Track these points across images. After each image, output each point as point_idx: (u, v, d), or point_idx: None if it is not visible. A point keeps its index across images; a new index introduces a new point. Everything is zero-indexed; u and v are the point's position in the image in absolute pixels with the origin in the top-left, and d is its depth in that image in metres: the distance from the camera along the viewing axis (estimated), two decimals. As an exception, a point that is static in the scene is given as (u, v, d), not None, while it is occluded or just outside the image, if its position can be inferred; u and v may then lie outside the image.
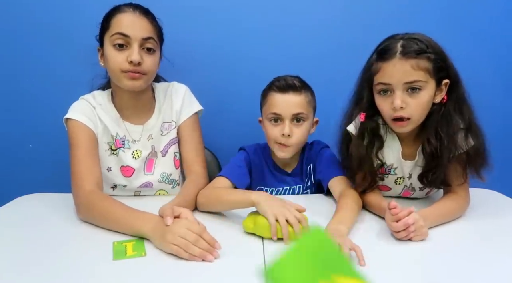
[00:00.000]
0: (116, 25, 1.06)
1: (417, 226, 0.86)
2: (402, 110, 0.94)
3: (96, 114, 1.13)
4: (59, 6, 1.44)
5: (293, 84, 1.14)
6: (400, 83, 0.93)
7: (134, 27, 1.05)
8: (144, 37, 1.06)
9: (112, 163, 1.15)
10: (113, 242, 0.87)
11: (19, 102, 1.52)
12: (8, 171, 1.58)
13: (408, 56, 0.92)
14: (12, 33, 1.46)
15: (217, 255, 0.81)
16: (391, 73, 0.93)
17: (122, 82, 1.07)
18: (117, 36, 1.05)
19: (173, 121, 1.21)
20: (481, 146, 0.99)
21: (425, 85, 0.93)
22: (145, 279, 0.74)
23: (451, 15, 1.48)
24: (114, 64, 1.06)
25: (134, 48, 1.04)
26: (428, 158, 1.01)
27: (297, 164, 1.25)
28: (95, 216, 0.96)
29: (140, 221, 0.90)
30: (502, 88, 1.57)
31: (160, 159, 1.20)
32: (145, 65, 1.07)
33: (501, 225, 0.98)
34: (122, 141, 1.16)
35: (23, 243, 0.88)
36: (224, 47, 1.49)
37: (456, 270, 0.77)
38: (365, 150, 1.04)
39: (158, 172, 1.19)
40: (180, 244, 0.80)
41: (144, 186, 1.19)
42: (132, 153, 1.17)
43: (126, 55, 1.05)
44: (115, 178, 1.16)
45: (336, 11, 1.48)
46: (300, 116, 1.14)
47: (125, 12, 1.07)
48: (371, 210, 1.06)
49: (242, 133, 1.51)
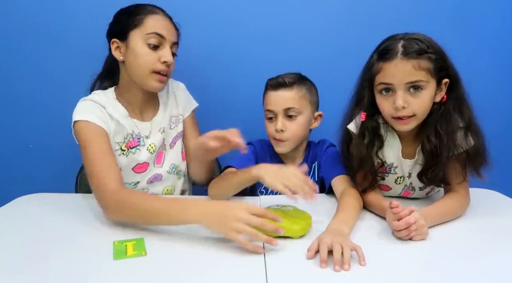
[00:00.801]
0: (152, 25, 1.08)
1: (418, 226, 0.86)
2: (404, 109, 0.95)
3: (106, 113, 1.09)
4: (56, 7, 1.44)
5: (283, 81, 1.17)
6: (402, 83, 0.94)
7: (168, 30, 1.11)
8: (174, 41, 1.13)
9: (124, 164, 1.14)
10: (114, 241, 0.87)
11: (19, 102, 1.52)
12: (8, 171, 1.58)
13: (410, 56, 0.92)
14: (11, 33, 1.46)
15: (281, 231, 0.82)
16: (393, 73, 0.94)
17: (149, 82, 1.10)
18: (153, 35, 1.08)
19: (180, 115, 1.26)
20: (480, 145, 0.99)
21: (426, 84, 0.94)
22: (146, 278, 0.74)
23: (452, 15, 1.49)
24: (146, 63, 1.08)
25: (167, 49, 1.10)
26: (428, 156, 1.01)
27: (302, 161, 1.27)
28: (129, 214, 0.93)
29: (186, 208, 0.86)
30: (503, 88, 1.57)
31: (169, 151, 1.23)
32: (171, 67, 1.13)
33: (501, 225, 0.98)
34: (138, 138, 1.16)
35: (23, 243, 0.87)
36: (225, 47, 1.49)
37: (456, 270, 0.77)
38: (366, 149, 1.04)
39: (167, 163, 1.22)
40: (246, 231, 0.79)
41: (154, 179, 1.20)
42: (147, 148, 1.18)
43: (159, 55, 1.09)
44: (126, 177, 1.13)
45: (338, 10, 1.48)
46: (292, 111, 1.17)
47: (158, 14, 1.11)
48: (371, 210, 1.06)
49: (243, 132, 1.51)
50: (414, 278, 0.75)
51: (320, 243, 0.80)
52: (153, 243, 0.87)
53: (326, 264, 0.76)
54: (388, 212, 0.91)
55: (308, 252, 0.81)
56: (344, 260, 0.76)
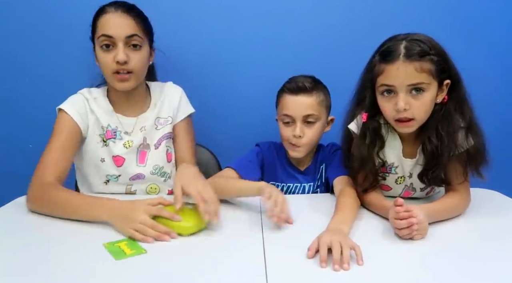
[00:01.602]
0: (100, 27, 1.09)
1: (421, 227, 0.87)
2: (406, 111, 0.95)
3: (87, 106, 1.16)
4: (56, 7, 1.44)
5: (303, 86, 1.16)
6: (404, 85, 0.94)
7: (116, 27, 1.08)
8: (127, 35, 1.09)
9: (105, 154, 1.18)
10: (103, 244, 0.85)
11: (19, 102, 1.52)
12: (8, 171, 1.58)
13: (412, 58, 0.92)
14: (12, 33, 1.46)
15: (175, 236, 0.88)
16: (395, 75, 0.94)
17: (113, 83, 1.12)
18: (102, 38, 1.09)
19: (170, 117, 1.24)
20: (481, 145, 0.99)
21: (428, 86, 0.94)
22: (150, 276, 0.74)
23: (452, 15, 1.49)
24: (104, 66, 1.10)
25: (119, 47, 1.08)
26: (429, 156, 1.01)
27: (310, 163, 1.28)
28: (48, 205, 0.99)
29: (99, 207, 0.94)
30: (503, 88, 1.57)
31: (153, 152, 1.22)
32: (131, 63, 1.10)
33: (501, 225, 0.98)
34: (114, 132, 1.18)
35: (23, 243, 0.87)
36: (225, 48, 1.49)
37: (456, 270, 0.77)
38: (367, 150, 1.04)
39: (151, 164, 1.21)
40: (139, 228, 0.87)
41: (136, 178, 1.20)
42: (124, 143, 1.19)
43: (113, 55, 1.08)
44: (108, 169, 1.18)
45: (338, 10, 1.48)
46: (311, 118, 1.17)
47: (107, 13, 1.10)
48: (371, 210, 1.06)
49: (242, 133, 1.51)
50: (414, 277, 0.75)
51: (320, 242, 0.80)
52: (154, 243, 0.87)
53: (326, 263, 0.76)
54: (391, 210, 0.91)
55: (308, 251, 0.81)
56: (343, 259, 0.76)
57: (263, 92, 1.23)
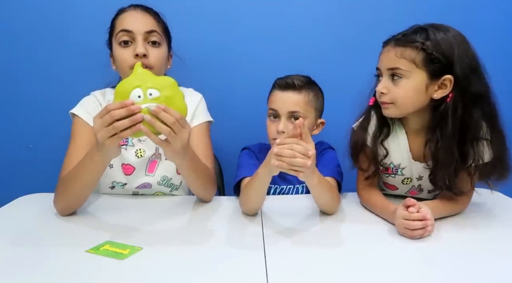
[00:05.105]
0: (119, 24, 1.08)
1: (430, 230, 0.87)
2: (384, 95, 0.97)
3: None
4: (58, 6, 1.44)
5: (293, 83, 1.15)
6: (385, 69, 0.96)
7: (136, 22, 1.07)
8: (147, 31, 1.08)
9: (115, 160, 1.13)
10: (86, 251, 0.82)
11: (19, 102, 1.52)
12: (8, 171, 1.58)
13: (398, 44, 0.94)
14: (12, 33, 1.47)
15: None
16: (381, 59, 0.98)
17: None
18: (121, 33, 1.07)
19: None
20: (497, 162, 0.96)
21: (407, 74, 0.93)
22: (149, 275, 0.73)
23: (452, 14, 1.48)
24: (122, 62, 1.07)
25: (138, 41, 1.06)
26: (432, 160, 0.99)
27: None
28: (66, 192, 0.97)
29: (88, 158, 0.93)
30: (503, 88, 1.56)
31: (164, 162, 1.18)
32: (151, 58, 1.07)
33: (502, 225, 0.98)
34: (126, 138, 1.14)
35: (23, 243, 0.87)
36: (226, 49, 1.50)
37: (456, 270, 0.77)
38: (366, 132, 1.05)
39: (159, 174, 1.18)
40: (95, 130, 0.85)
41: (142, 187, 1.18)
42: (136, 151, 1.16)
43: (131, 50, 1.06)
44: (116, 175, 1.15)
45: (338, 11, 1.48)
46: (296, 115, 1.15)
47: (126, 11, 1.10)
48: (368, 208, 1.07)
49: (243, 134, 1.51)
50: (414, 277, 0.75)
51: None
52: (154, 243, 0.86)
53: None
54: (399, 211, 0.90)
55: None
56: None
57: (263, 92, 1.23)
